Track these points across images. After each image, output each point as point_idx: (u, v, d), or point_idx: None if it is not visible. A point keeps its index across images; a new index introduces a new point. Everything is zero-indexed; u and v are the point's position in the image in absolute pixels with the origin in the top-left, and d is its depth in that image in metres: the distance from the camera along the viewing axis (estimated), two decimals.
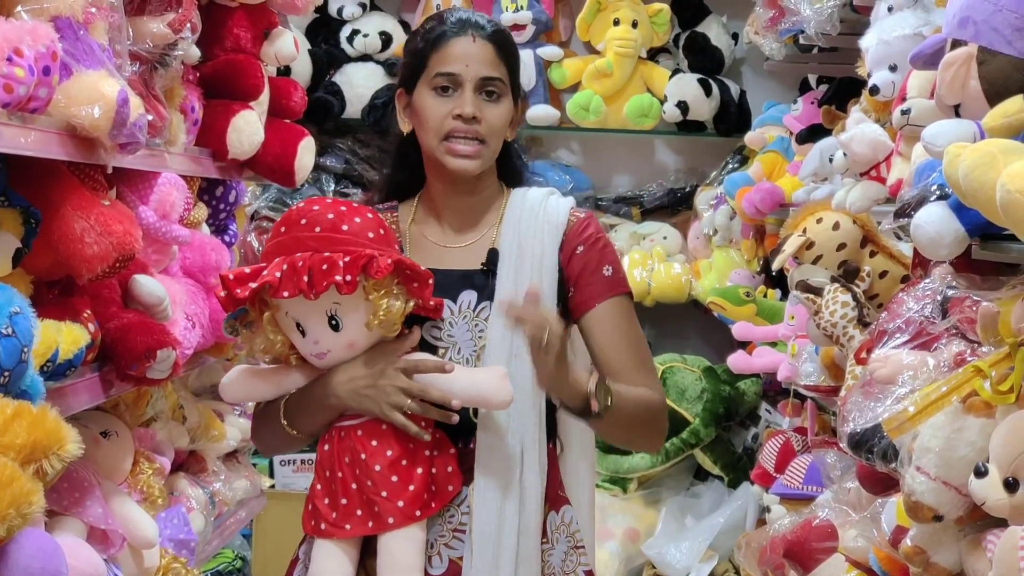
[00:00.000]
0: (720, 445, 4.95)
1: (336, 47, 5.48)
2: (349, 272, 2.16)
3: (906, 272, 3.15)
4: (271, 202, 5.28)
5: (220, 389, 2.45)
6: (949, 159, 1.76)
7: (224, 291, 2.24)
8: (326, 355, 2.27)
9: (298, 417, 2.33)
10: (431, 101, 2.33)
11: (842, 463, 3.08)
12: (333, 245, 2.20)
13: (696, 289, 5.30)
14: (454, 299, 2.34)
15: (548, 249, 2.37)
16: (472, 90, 2.32)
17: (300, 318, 2.25)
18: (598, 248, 2.39)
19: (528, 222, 2.39)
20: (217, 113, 3.13)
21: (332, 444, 2.30)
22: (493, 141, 2.35)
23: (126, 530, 2.51)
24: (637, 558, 4.79)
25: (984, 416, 1.84)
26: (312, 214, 2.25)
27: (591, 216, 2.45)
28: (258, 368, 2.41)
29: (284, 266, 2.18)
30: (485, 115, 2.32)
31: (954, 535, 1.95)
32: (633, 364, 2.35)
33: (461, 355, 2.33)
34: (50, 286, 2.40)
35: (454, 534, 2.30)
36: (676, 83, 5.38)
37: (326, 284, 2.15)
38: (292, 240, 2.23)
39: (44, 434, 1.76)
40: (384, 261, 2.17)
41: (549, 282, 2.36)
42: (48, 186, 2.29)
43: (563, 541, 2.38)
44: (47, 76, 2.05)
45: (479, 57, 2.33)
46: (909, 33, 2.83)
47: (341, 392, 2.26)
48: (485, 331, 2.33)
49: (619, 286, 2.39)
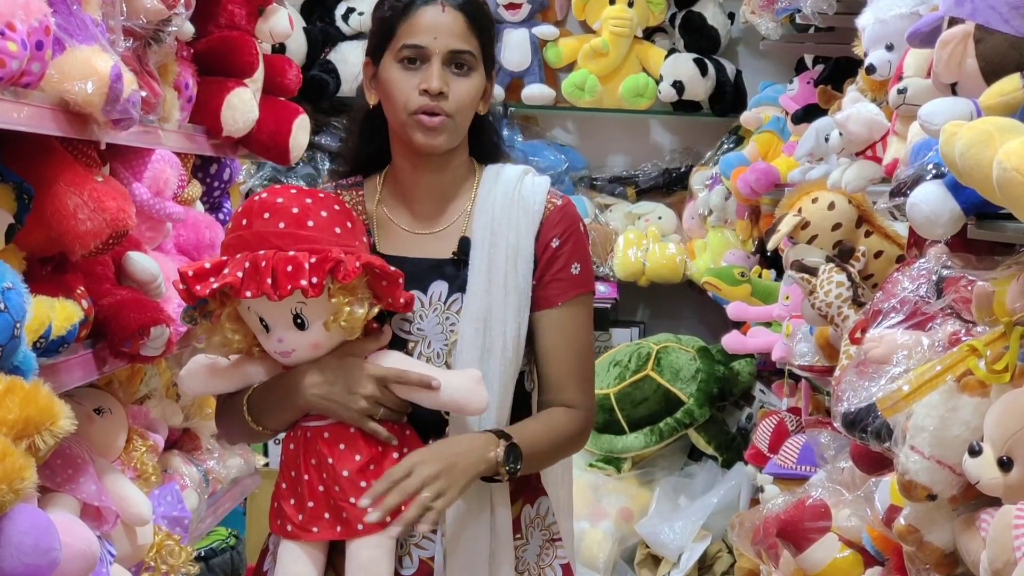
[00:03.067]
0: (714, 425, 4.96)
1: (331, 25, 5.47)
2: (315, 275, 2.05)
3: (901, 252, 3.15)
4: (265, 180, 5.26)
5: (179, 381, 2.38)
6: (945, 137, 1.75)
7: (183, 285, 2.13)
8: (291, 354, 2.18)
9: (262, 414, 2.23)
10: (397, 75, 2.20)
11: (836, 443, 3.08)
12: (298, 243, 2.09)
13: (691, 269, 5.30)
14: (424, 290, 2.25)
15: (523, 238, 2.27)
16: (440, 63, 2.18)
17: (264, 314, 2.15)
18: (571, 243, 2.29)
19: (502, 207, 2.28)
20: (211, 90, 3.12)
21: (297, 444, 2.20)
22: (460, 116, 2.21)
23: (119, 507, 2.50)
24: (630, 538, 4.80)
25: (978, 395, 1.84)
26: (275, 207, 2.13)
27: (568, 202, 2.34)
28: (219, 359, 2.28)
29: (246, 264, 2.07)
30: (453, 89, 2.18)
31: (948, 514, 1.95)
32: (572, 374, 2.28)
33: (431, 349, 2.24)
34: (43, 263, 2.39)
35: (424, 535, 2.21)
36: (672, 63, 5.38)
37: (291, 288, 2.05)
38: (254, 235, 2.12)
39: (36, 410, 1.75)
40: (352, 264, 2.07)
41: (523, 272, 2.26)
42: (41, 162, 2.28)
43: (537, 535, 2.33)
44: (40, 51, 2.04)
45: (448, 28, 2.19)
46: (906, 12, 2.81)
47: (309, 396, 2.16)
48: (456, 325, 2.24)
49: (584, 285, 2.30)
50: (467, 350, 2.22)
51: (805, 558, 2.71)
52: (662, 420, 4.87)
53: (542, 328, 2.28)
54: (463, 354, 2.22)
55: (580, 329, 2.30)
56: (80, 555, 2.12)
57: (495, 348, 2.22)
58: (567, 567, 2.37)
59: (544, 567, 2.33)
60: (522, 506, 2.31)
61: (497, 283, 2.24)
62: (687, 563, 4.58)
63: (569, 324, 2.29)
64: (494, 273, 2.25)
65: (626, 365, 4.91)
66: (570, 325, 2.29)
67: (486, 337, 2.23)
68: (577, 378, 2.29)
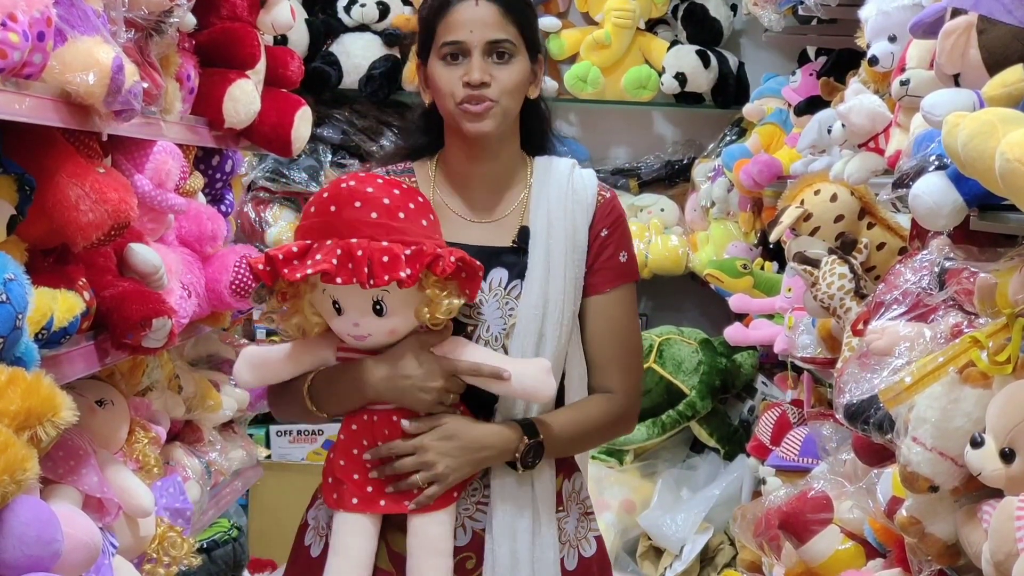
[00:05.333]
0: (716, 417, 4.97)
1: (333, 17, 5.45)
2: (411, 266, 2.12)
3: (904, 244, 3.15)
4: (268, 172, 5.27)
5: (235, 376, 2.42)
6: (948, 128, 1.75)
7: (268, 268, 2.18)
8: (366, 338, 2.24)
9: (326, 401, 2.31)
10: (441, 71, 2.29)
11: (838, 435, 3.09)
12: (390, 233, 2.16)
13: (693, 261, 5.30)
14: (484, 277, 2.30)
15: (580, 229, 2.36)
16: (480, 55, 2.27)
17: (340, 299, 2.21)
18: (619, 232, 2.39)
19: (558, 199, 2.36)
20: (213, 82, 3.11)
21: (361, 426, 2.28)
22: (506, 100, 2.29)
23: (122, 499, 2.50)
24: (633, 529, 4.80)
25: (981, 387, 1.84)
26: (367, 196, 2.19)
27: (614, 195, 2.44)
28: (271, 350, 2.36)
29: (338, 251, 2.12)
30: (496, 78, 2.27)
31: (949, 506, 1.96)
32: (615, 359, 2.37)
33: (490, 332, 2.32)
34: (45, 254, 2.39)
35: (477, 507, 2.32)
36: (674, 55, 5.37)
37: (388, 278, 2.11)
38: (344, 223, 2.17)
39: (38, 401, 1.75)
40: (448, 259, 2.14)
41: (578, 261, 2.35)
42: (43, 153, 2.28)
43: (575, 509, 2.41)
44: (42, 42, 2.03)
45: (484, 20, 2.27)
46: (908, 3, 2.82)
47: (382, 388, 2.24)
48: (515, 310, 2.32)
49: (631, 274, 2.41)
50: (524, 335, 2.30)
51: (807, 550, 2.71)
52: (664, 412, 4.88)
53: (590, 314, 2.38)
54: (519, 339, 2.31)
55: (626, 316, 2.40)
56: (82, 546, 2.12)
57: (549, 334, 2.30)
58: (600, 539, 2.46)
59: (581, 539, 2.41)
60: (563, 480, 2.39)
61: (556, 271, 2.32)
62: (689, 555, 4.59)
63: (615, 311, 2.38)
64: (553, 261, 2.33)
65: None
66: (616, 312, 2.38)
67: (543, 323, 2.31)
68: (620, 364, 2.38)
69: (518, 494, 2.31)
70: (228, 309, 3.20)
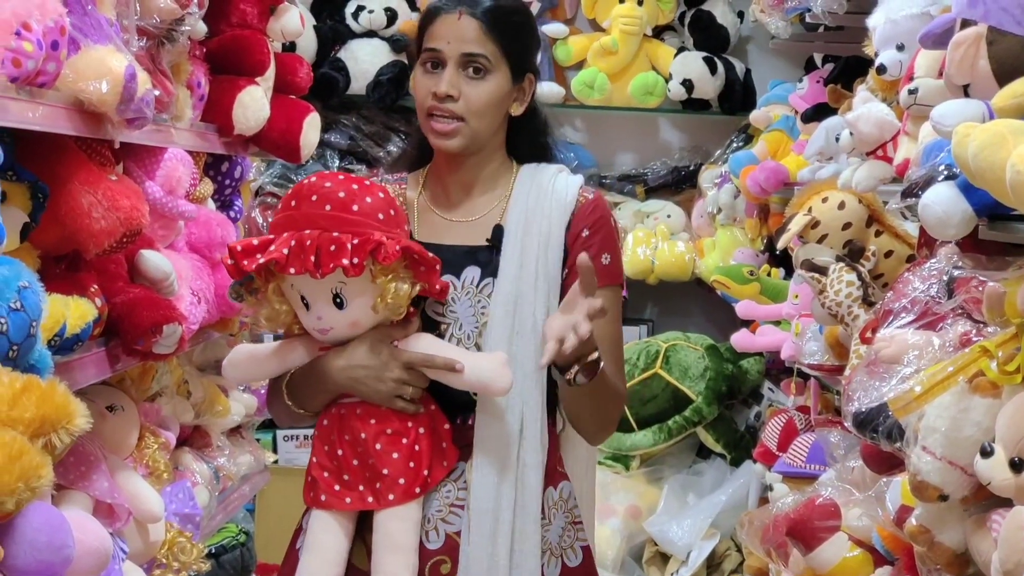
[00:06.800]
0: (723, 423, 4.97)
1: (341, 23, 5.47)
2: (356, 255, 2.16)
3: (912, 252, 3.15)
4: (276, 178, 5.28)
5: (223, 370, 2.46)
6: (958, 139, 1.76)
7: (231, 260, 2.25)
8: (328, 331, 2.29)
9: (301, 397, 2.36)
10: (420, 78, 2.34)
11: (845, 442, 3.09)
12: (342, 225, 2.20)
13: (700, 267, 5.30)
14: (457, 275, 2.35)
15: (555, 227, 2.36)
16: (454, 67, 2.30)
17: (305, 292, 2.26)
18: (602, 234, 2.38)
19: (536, 199, 2.37)
20: (223, 89, 3.12)
21: (331, 421, 2.32)
22: (476, 119, 2.31)
23: (132, 504, 2.51)
24: (639, 535, 4.80)
25: (990, 396, 1.84)
26: (323, 191, 2.24)
27: (599, 197, 2.43)
28: (259, 347, 2.44)
29: (292, 242, 2.18)
30: (466, 92, 2.30)
31: (959, 515, 1.96)
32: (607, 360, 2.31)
33: (463, 331, 2.34)
34: (57, 260, 2.40)
35: (451, 509, 2.32)
36: (681, 61, 5.38)
37: (332, 266, 2.16)
38: (302, 216, 2.23)
39: (53, 408, 1.76)
40: (392, 247, 2.18)
41: (553, 261, 2.34)
42: (56, 161, 2.29)
43: (560, 517, 2.38)
44: (55, 51, 2.05)
45: (462, 34, 2.31)
46: (917, 12, 2.82)
47: (341, 379, 2.28)
48: (487, 308, 2.33)
49: (614, 276, 2.38)
50: (496, 331, 2.31)
51: (815, 557, 2.71)
52: (670, 418, 4.88)
53: None
54: (492, 335, 2.31)
55: (611, 316, 2.32)
56: (93, 552, 2.13)
57: (525, 330, 2.30)
58: (587, 549, 2.43)
59: (565, 548, 2.39)
60: (546, 488, 2.36)
61: (528, 268, 2.32)
62: (695, 561, 4.58)
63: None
64: (525, 259, 2.34)
65: (635, 363, 4.92)
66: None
67: (515, 320, 2.31)
68: (610, 361, 2.32)
69: (497, 499, 2.30)
70: (237, 315, 3.21)
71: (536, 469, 2.32)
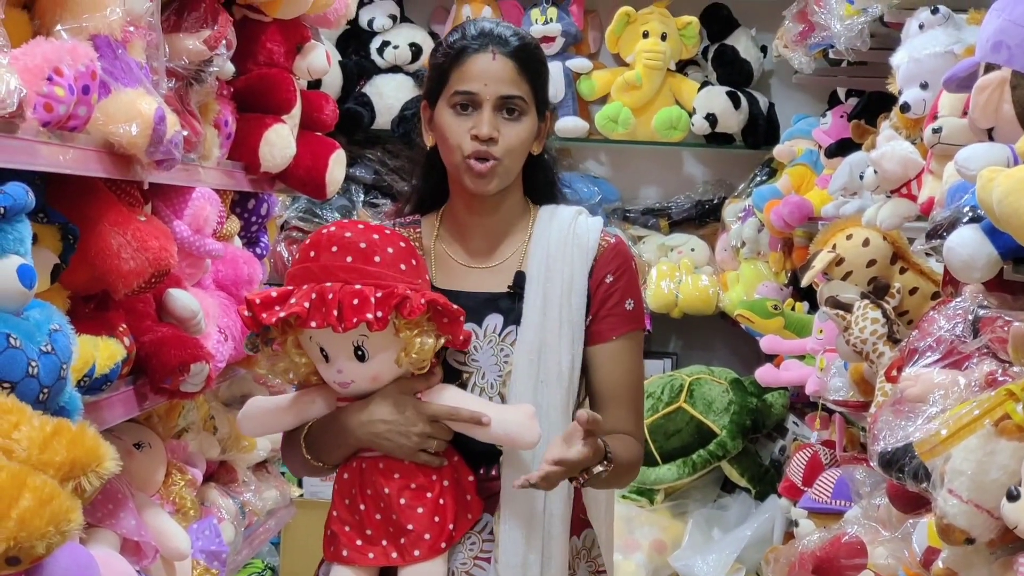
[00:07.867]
0: (747, 457, 4.95)
1: (366, 58, 5.51)
2: (380, 309, 2.11)
3: (936, 289, 3.15)
4: (301, 212, 5.31)
5: (238, 423, 2.42)
6: (983, 183, 1.76)
7: (248, 312, 2.19)
8: (349, 384, 2.23)
9: (319, 451, 2.29)
10: (450, 119, 2.26)
11: (871, 479, 3.08)
12: (364, 277, 2.15)
13: (724, 301, 5.30)
14: (479, 323, 2.29)
15: (578, 273, 2.31)
16: (491, 109, 2.24)
17: (325, 345, 2.20)
18: (625, 279, 2.34)
19: (557, 244, 2.32)
20: (250, 127, 3.14)
21: (352, 475, 2.26)
22: (510, 159, 2.27)
23: (159, 542, 2.53)
24: (664, 570, 4.79)
25: (1016, 439, 1.84)
26: (343, 241, 2.19)
27: (620, 240, 2.39)
28: (274, 400, 2.37)
29: (312, 295, 2.13)
30: (503, 134, 2.24)
31: (986, 557, 1.95)
32: (627, 406, 2.32)
33: (485, 380, 2.29)
34: (86, 300, 2.42)
35: (475, 562, 2.27)
36: (705, 95, 5.39)
37: (356, 320, 2.10)
38: (321, 268, 2.18)
39: (83, 451, 1.77)
40: (417, 301, 2.13)
41: (577, 306, 2.30)
42: (85, 203, 2.31)
43: (583, 567, 2.36)
44: (86, 95, 2.06)
45: (498, 76, 2.25)
46: (940, 51, 2.83)
47: (362, 434, 2.22)
48: (511, 356, 2.29)
49: (637, 322, 2.35)
50: (521, 381, 2.27)
51: None
52: (695, 452, 4.87)
53: (596, 362, 2.33)
54: (517, 385, 2.27)
55: (634, 363, 2.34)
56: None
57: (550, 379, 2.27)
58: None
59: None
60: (569, 537, 2.33)
61: (551, 316, 2.29)
62: None
63: (622, 358, 2.33)
64: (548, 306, 2.29)
65: (659, 397, 4.92)
66: (624, 359, 2.33)
67: (540, 368, 2.27)
68: (631, 410, 2.33)
69: (525, 552, 2.25)
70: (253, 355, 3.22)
71: (562, 519, 2.28)
